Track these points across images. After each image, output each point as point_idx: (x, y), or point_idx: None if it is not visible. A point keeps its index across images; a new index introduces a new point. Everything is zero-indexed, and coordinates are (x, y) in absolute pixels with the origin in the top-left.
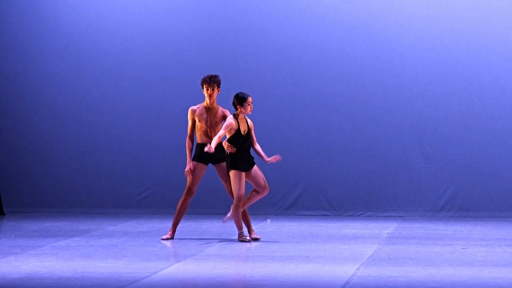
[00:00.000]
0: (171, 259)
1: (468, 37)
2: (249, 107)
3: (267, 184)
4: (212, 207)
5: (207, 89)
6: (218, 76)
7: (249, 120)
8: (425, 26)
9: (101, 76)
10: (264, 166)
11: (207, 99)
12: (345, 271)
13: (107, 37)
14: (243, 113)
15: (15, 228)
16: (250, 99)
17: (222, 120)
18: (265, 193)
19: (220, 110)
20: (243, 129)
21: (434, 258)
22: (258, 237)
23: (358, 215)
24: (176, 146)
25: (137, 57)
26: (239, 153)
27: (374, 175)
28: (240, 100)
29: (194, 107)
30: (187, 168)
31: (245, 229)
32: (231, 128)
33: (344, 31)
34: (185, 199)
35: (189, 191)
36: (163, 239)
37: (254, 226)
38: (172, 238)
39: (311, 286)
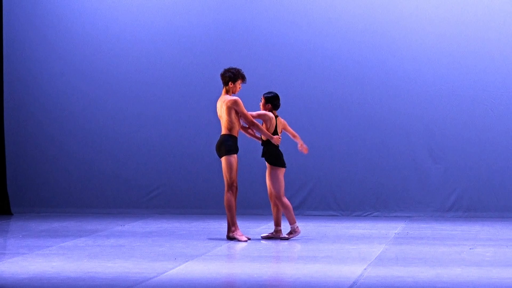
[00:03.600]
0: (178, 259)
1: (475, 39)
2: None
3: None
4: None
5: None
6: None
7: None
8: (431, 29)
9: (110, 78)
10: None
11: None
12: (353, 271)
13: (117, 40)
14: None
15: (23, 228)
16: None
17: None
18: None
19: None
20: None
21: (442, 258)
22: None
23: (366, 215)
24: (183, 147)
25: (145, 59)
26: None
27: (382, 175)
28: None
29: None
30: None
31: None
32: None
33: (351, 36)
34: (233, 195)
35: (233, 185)
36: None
37: (262, 226)
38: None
39: (318, 286)
